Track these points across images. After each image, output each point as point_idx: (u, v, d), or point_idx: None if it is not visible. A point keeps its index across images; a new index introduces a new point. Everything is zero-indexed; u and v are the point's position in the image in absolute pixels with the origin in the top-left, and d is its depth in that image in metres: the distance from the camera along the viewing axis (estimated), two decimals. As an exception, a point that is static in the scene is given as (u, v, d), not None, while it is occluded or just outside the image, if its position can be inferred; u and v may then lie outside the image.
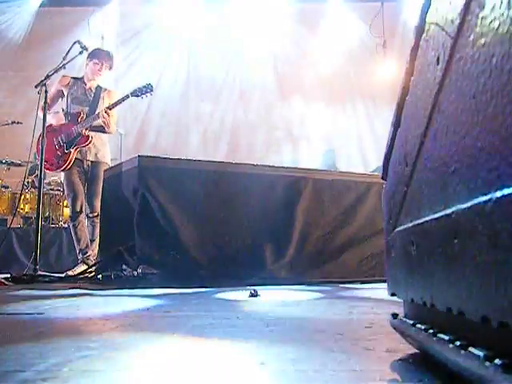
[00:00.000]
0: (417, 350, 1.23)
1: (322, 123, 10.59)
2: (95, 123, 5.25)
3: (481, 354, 0.75)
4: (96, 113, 5.25)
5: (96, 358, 1.27)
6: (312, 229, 4.75)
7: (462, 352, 0.80)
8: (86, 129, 5.21)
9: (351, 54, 10.51)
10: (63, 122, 5.29)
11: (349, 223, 4.93)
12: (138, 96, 5.23)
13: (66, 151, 5.17)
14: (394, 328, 1.31)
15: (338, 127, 10.63)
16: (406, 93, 1.18)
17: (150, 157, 4.51)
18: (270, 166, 5.19)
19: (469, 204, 0.76)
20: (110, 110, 5.20)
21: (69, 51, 4.89)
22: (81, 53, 4.96)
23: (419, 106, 1.05)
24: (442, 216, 0.87)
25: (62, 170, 5.26)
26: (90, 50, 5.19)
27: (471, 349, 0.78)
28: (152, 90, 5.26)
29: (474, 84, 0.73)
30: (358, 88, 10.38)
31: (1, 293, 3.52)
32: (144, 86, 5.24)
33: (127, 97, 5.22)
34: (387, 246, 1.35)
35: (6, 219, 7.31)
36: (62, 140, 5.20)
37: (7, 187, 7.53)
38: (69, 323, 2.01)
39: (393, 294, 1.31)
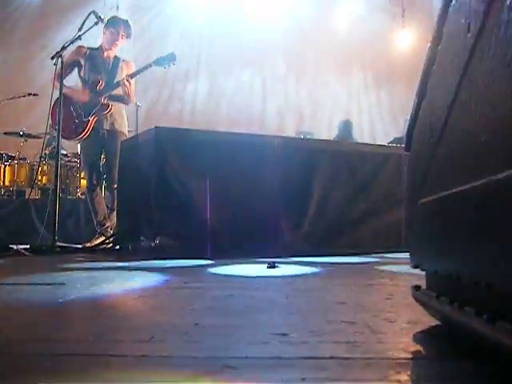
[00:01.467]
0: (438, 322, 1.23)
1: (339, 93, 10.48)
2: (114, 92, 5.18)
3: (510, 327, 0.74)
4: (116, 81, 5.18)
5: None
6: (328, 201, 4.73)
7: (491, 325, 0.79)
8: (105, 97, 5.15)
9: (369, 23, 10.32)
10: (81, 90, 5.22)
11: (366, 195, 4.89)
12: (160, 65, 5.11)
13: (85, 119, 5.12)
14: (416, 300, 1.30)
15: (354, 98, 10.52)
16: (432, 62, 1.15)
17: (167, 128, 4.49)
18: (286, 137, 5.16)
19: (500, 176, 0.74)
20: (132, 78, 5.12)
21: (84, 22, 4.83)
22: (96, 23, 4.87)
23: (447, 76, 1.03)
24: (470, 187, 0.86)
25: (80, 139, 5.21)
26: (105, 20, 5.10)
27: (500, 321, 0.77)
28: (175, 60, 5.12)
29: (510, 51, 0.71)
30: (375, 58, 10.22)
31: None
32: (167, 56, 5.11)
33: (150, 65, 5.10)
34: (410, 218, 1.34)
35: (24, 191, 7.37)
36: (79, 108, 5.15)
37: (25, 159, 7.57)
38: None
39: (415, 266, 1.30)
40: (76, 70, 5.32)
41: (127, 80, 5.07)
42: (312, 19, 10.20)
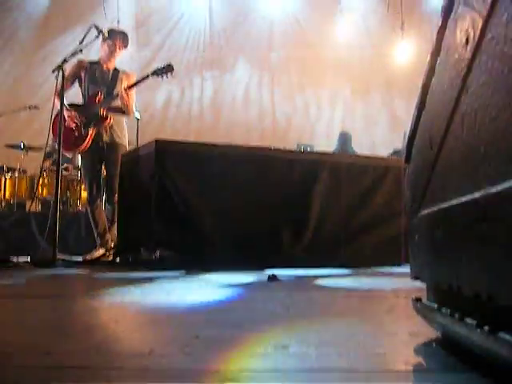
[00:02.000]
0: (439, 334, 1.22)
1: (338, 105, 10.52)
2: (113, 104, 5.19)
3: (511, 338, 0.74)
4: (115, 93, 5.18)
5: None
6: (329, 213, 4.73)
7: (491, 337, 0.79)
8: (104, 109, 5.15)
9: (368, 35, 10.38)
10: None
11: (365, 207, 4.89)
12: (158, 76, 5.12)
13: (84, 131, 5.13)
14: (417, 312, 1.30)
15: (354, 109, 10.55)
16: (431, 74, 1.16)
17: (168, 141, 4.51)
18: (286, 150, 5.17)
19: (499, 188, 0.74)
20: (130, 89, 5.13)
21: (85, 35, 4.85)
22: (97, 37, 4.90)
23: (446, 88, 1.03)
24: (470, 200, 0.86)
25: (81, 151, 5.21)
26: (106, 33, 5.11)
27: (501, 334, 0.77)
28: (173, 70, 5.14)
29: (507, 65, 0.71)
30: (374, 70, 10.24)
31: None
32: (164, 67, 5.13)
33: (147, 77, 5.12)
34: (410, 230, 1.34)
35: (25, 203, 7.37)
36: (79, 120, 5.14)
37: (25, 172, 7.58)
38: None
39: (416, 278, 1.30)
40: (77, 84, 5.35)
41: (125, 91, 5.08)
42: (311, 31, 10.27)
